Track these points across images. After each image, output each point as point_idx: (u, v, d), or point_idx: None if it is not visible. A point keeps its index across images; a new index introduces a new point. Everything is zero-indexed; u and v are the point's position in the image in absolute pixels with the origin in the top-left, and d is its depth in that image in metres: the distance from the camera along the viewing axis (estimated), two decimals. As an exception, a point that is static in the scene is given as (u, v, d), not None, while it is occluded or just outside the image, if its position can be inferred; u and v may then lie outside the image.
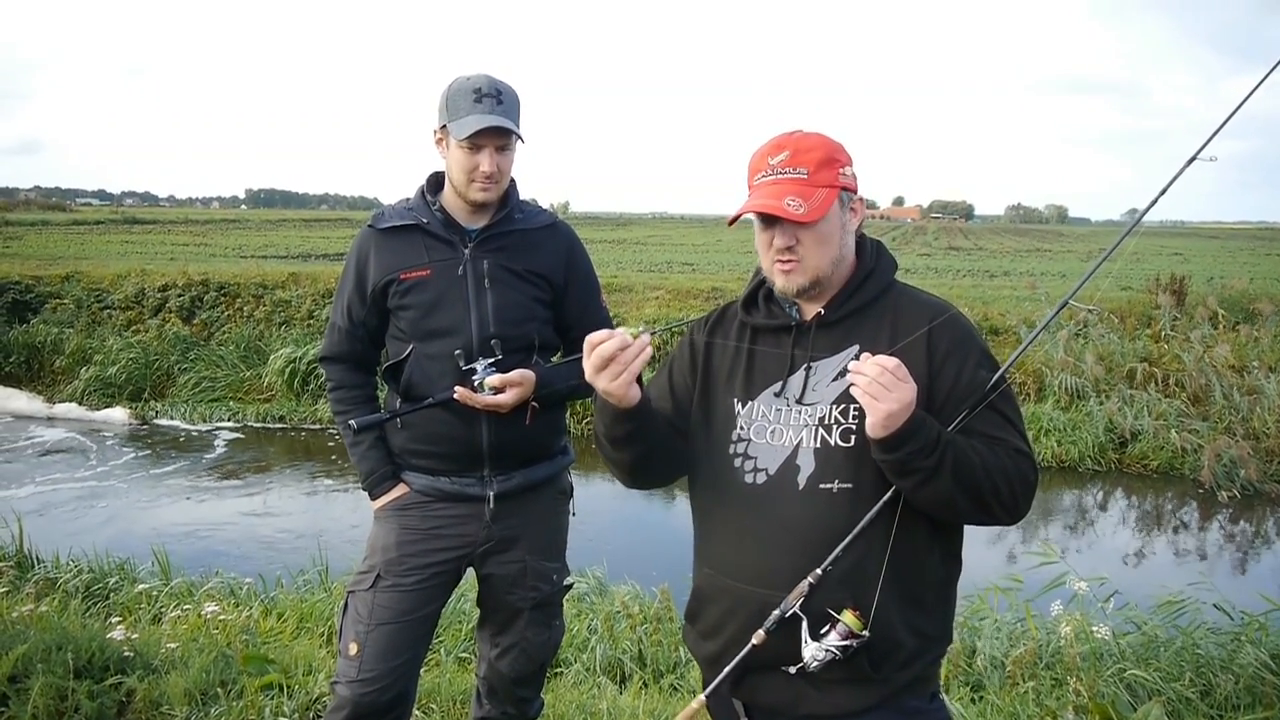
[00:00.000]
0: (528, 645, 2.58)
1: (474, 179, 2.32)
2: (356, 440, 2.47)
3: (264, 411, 12.80)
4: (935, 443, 1.51)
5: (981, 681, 4.00)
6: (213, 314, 14.92)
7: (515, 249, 2.44)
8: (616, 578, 5.86)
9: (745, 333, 1.77)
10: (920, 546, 1.62)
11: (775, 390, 1.68)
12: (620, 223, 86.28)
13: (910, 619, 1.61)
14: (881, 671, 1.58)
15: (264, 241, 31.99)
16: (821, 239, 1.63)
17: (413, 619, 2.42)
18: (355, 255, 2.47)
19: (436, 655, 4.35)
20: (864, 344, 1.65)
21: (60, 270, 16.63)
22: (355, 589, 2.46)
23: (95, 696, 3.18)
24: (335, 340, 2.53)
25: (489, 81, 2.30)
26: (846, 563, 1.56)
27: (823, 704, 1.61)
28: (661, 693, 3.97)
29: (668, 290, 15.13)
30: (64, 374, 14.11)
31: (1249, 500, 9.62)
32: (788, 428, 1.65)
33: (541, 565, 2.55)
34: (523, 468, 2.48)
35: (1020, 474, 1.57)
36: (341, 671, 2.41)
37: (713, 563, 1.72)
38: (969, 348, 1.64)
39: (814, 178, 1.62)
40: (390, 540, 2.44)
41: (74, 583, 5.40)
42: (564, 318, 2.54)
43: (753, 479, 1.66)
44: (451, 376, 2.35)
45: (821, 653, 1.54)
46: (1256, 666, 3.76)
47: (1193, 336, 12.03)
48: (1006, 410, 1.62)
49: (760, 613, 1.59)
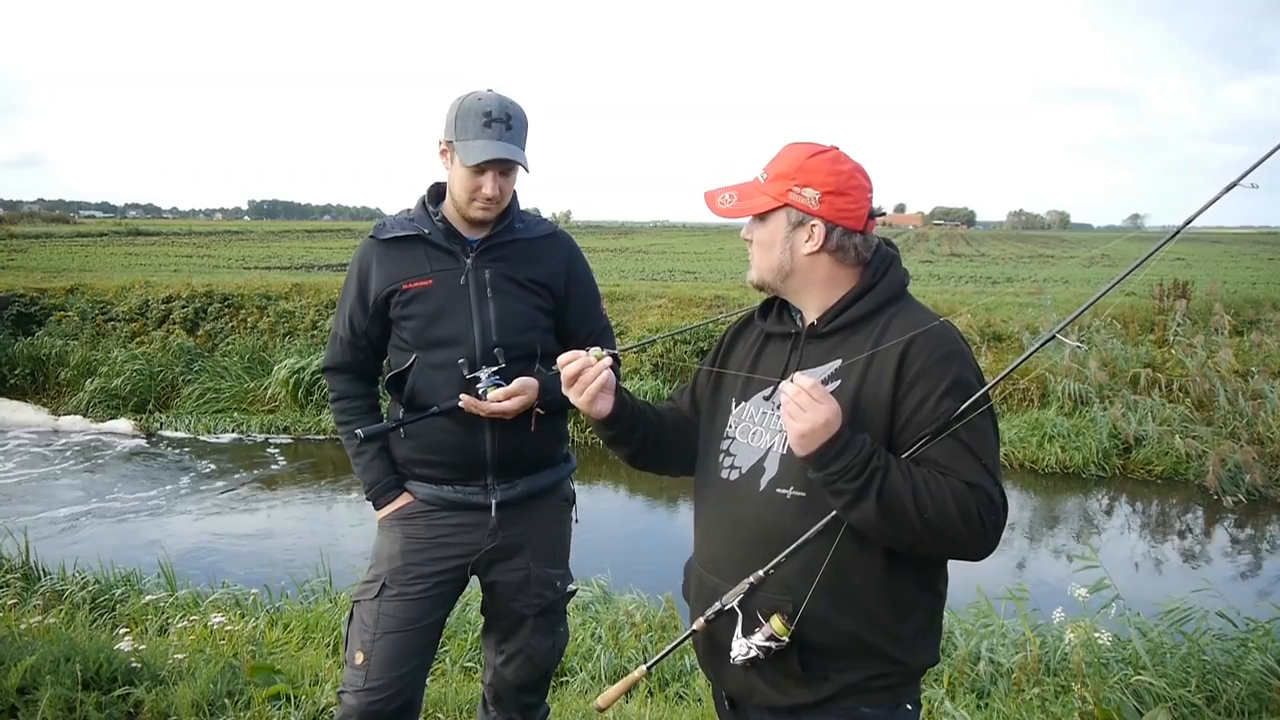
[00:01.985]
0: (533, 652, 2.60)
1: (475, 199, 2.35)
2: (360, 450, 2.48)
3: (268, 422, 12.82)
4: (863, 466, 1.52)
5: (987, 688, 4.00)
6: (217, 325, 14.95)
7: (517, 258, 2.46)
8: (621, 586, 5.87)
9: (758, 336, 1.86)
10: (876, 564, 1.64)
11: (765, 394, 1.76)
12: (622, 231, 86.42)
13: (853, 629, 1.65)
14: (812, 671, 1.65)
15: (267, 252, 32.05)
16: (762, 244, 1.75)
17: (418, 627, 2.44)
18: (357, 266, 2.48)
19: (442, 664, 4.35)
20: (846, 359, 1.68)
21: (64, 283, 16.67)
22: (361, 598, 2.48)
23: (103, 707, 3.19)
24: (338, 351, 2.55)
25: (499, 105, 2.30)
26: (789, 569, 1.63)
27: (771, 695, 1.70)
28: (667, 701, 3.97)
29: (670, 299, 15.14)
30: (69, 386, 14.13)
31: (1254, 506, 9.60)
32: (766, 430, 1.73)
33: (545, 572, 2.56)
34: (526, 475, 2.51)
35: (966, 507, 1.53)
36: (348, 681, 2.42)
37: (696, 552, 1.86)
38: (941, 373, 1.60)
39: (766, 185, 1.73)
40: (395, 549, 2.46)
41: (80, 594, 5.41)
42: (565, 326, 2.56)
43: (728, 475, 1.76)
44: (455, 385, 2.37)
45: (746, 649, 1.63)
46: (1263, 672, 3.76)
47: (1196, 342, 12.02)
48: (971, 441, 1.58)
49: (712, 600, 1.70)
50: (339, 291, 2.75)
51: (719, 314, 14.17)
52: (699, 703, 3.86)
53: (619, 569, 6.12)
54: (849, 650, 1.66)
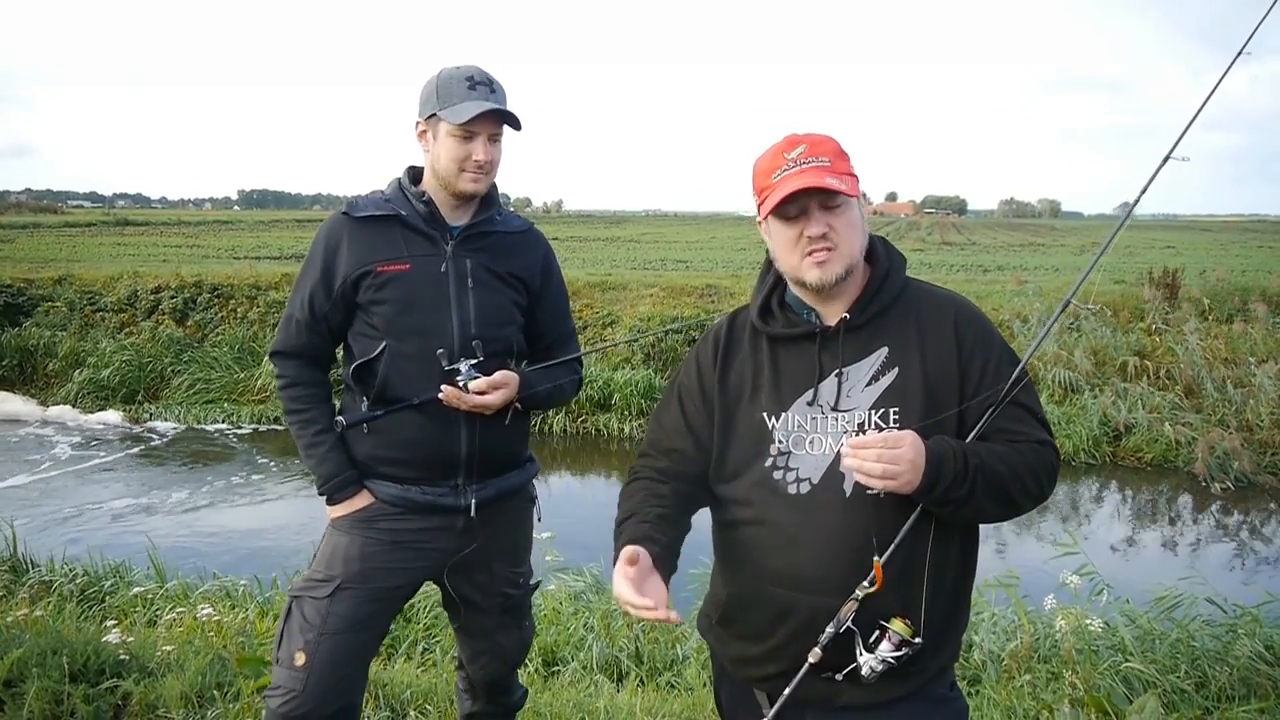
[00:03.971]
0: (499, 650, 2.54)
1: (465, 168, 2.23)
2: (317, 440, 2.30)
3: (258, 413, 12.77)
4: (964, 472, 1.53)
5: (978, 675, 4.01)
6: (206, 315, 14.88)
7: (496, 250, 2.36)
8: (613, 575, 5.86)
9: (762, 343, 1.74)
10: (946, 541, 1.64)
11: (807, 399, 1.66)
12: (614, 220, 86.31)
13: (938, 609, 1.63)
14: (917, 662, 1.59)
15: (257, 242, 31.88)
16: (852, 224, 1.64)
17: (366, 628, 2.30)
18: (324, 243, 2.29)
19: (433, 655, 4.35)
20: (892, 345, 1.65)
21: (52, 273, 16.57)
22: (304, 594, 2.29)
23: (91, 700, 3.17)
24: (292, 333, 2.34)
25: (480, 71, 2.23)
26: (894, 568, 1.56)
27: (860, 696, 1.62)
28: (659, 690, 3.97)
29: (662, 288, 15.13)
30: (57, 377, 14.08)
31: (1243, 492, 9.66)
32: (826, 435, 1.64)
33: (509, 572, 2.48)
34: (496, 476, 2.38)
35: (1044, 464, 1.62)
36: (282, 682, 2.22)
37: (758, 572, 1.68)
38: (992, 340, 1.68)
39: (835, 165, 1.63)
40: (354, 553, 2.29)
41: (69, 586, 5.39)
42: (536, 326, 2.46)
43: (796, 489, 1.64)
44: (433, 378, 2.23)
45: (879, 664, 1.55)
46: (1251, 658, 3.78)
47: (1185, 329, 12.07)
48: (1028, 401, 1.65)
49: (811, 619, 1.60)
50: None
51: (710, 304, 14.17)
52: (690, 692, 3.86)
53: (610, 558, 6.11)
54: (944, 633, 1.66)
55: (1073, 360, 11.53)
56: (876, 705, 1.63)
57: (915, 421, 1.59)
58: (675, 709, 3.51)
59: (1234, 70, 1.88)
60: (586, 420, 12.09)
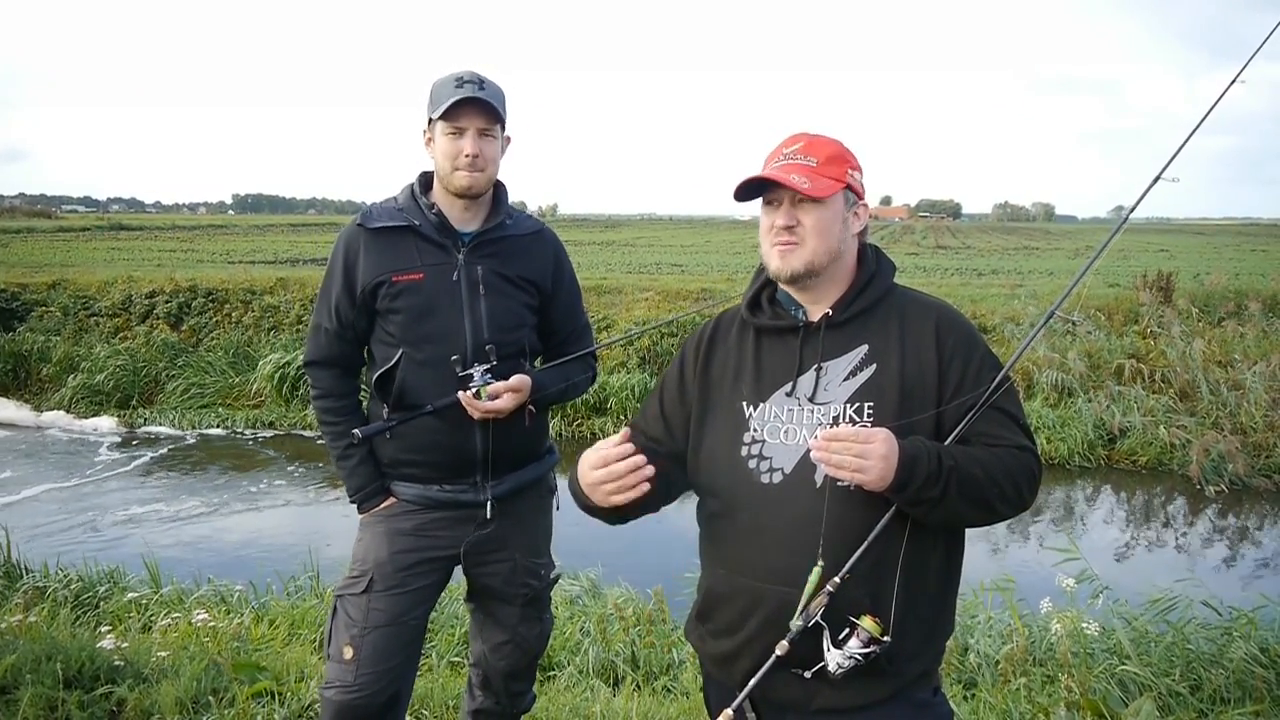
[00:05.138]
0: (520, 640, 2.60)
1: (457, 164, 2.29)
2: (348, 453, 2.42)
3: (253, 418, 12.75)
4: (937, 474, 1.54)
5: (974, 679, 4.01)
6: (201, 320, 14.85)
7: (507, 255, 2.43)
8: (610, 580, 5.85)
9: (748, 334, 1.78)
10: (926, 543, 1.64)
11: (786, 390, 1.70)
12: (609, 224, 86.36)
13: (917, 613, 1.63)
14: (894, 665, 1.59)
15: (251, 246, 31.85)
16: (820, 225, 1.67)
17: (406, 621, 2.42)
18: (343, 254, 2.38)
19: (429, 660, 4.33)
20: (873, 342, 1.68)
21: (46, 278, 16.53)
22: (345, 593, 2.44)
23: (85, 706, 3.16)
24: (323, 343, 2.45)
25: (470, 72, 2.31)
26: (864, 564, 1.57)
27: (837, 699, 1.61)
28: (654, 695, 3.96)
29: (657, 291, 15.14)
30: (51, 382, 14.02)
31: (1237, 495, 9.68)
32: (801, 427, 1.67)
33: (530, 562, 2.56)
34: (513, 471, 2.49)
35: (1024, 470, 1.62)
36: (335, 676, 2.38)
37: (728, 563, 1.71)
38: (973, 345, 1.70)
39: (822, 168, 1.68)
40: (382, 546, 2.43)
41: (63, 592, 5.36)
42: (549, 323, 2.54)
43: (768, 479, 1.66)
44: (448, 383, 2.32)
45: (846, 660, 1.54)
46: (1246, 661, 3.79)
47: (1174, 332, 12.10)
48: (1009, 407, 1.66)
49: (779, 609, 1.60)
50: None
51: (706, 306, 14.17)
52: (685, 697, 3.85)
53: (608, 563, 6.11)
54: (926, 635, 1.66)
55: (1067, 363, 11.55)
56: (855, 709, 1.63)
57: (890, 417, 1.61)
58: (671, 713, 3.51)
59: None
60: (582, 424, 12.09)
